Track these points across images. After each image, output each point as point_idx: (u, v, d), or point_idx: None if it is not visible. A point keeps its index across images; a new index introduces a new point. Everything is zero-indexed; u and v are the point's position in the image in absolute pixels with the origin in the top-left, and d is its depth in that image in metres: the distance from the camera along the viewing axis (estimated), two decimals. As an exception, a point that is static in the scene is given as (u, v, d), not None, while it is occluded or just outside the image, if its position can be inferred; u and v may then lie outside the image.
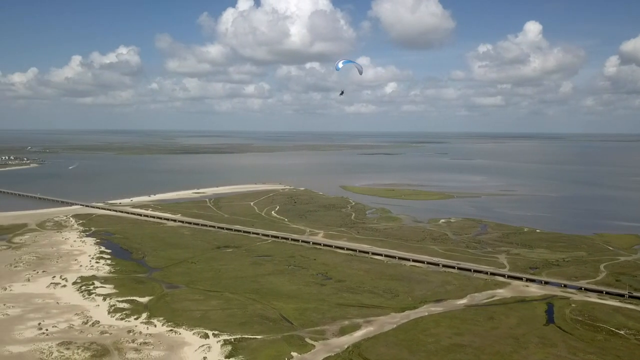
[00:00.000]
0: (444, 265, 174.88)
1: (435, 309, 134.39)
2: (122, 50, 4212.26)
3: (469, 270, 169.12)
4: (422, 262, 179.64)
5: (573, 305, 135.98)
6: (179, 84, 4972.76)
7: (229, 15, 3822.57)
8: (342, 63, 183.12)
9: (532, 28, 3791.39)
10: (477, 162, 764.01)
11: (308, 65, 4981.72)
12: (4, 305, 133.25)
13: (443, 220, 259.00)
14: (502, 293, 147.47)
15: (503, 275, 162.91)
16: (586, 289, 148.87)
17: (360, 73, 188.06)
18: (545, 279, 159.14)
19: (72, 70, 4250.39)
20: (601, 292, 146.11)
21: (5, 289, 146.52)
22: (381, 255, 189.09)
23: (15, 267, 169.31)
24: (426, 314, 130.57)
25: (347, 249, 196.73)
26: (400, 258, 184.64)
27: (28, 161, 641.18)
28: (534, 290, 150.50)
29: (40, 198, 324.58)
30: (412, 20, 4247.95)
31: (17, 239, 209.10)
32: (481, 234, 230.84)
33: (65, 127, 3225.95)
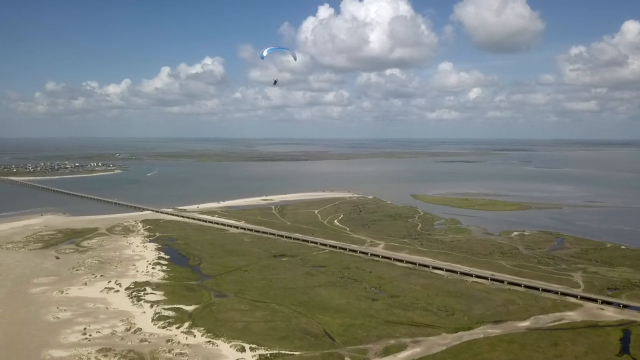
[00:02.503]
0: (509, 283, 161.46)
1: (493, 330, 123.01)
2: (208, 61, 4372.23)
3: (537, 288, 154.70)
4: (486, 278, 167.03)
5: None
6: (261, 93, 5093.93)
7: (309, 24, 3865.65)
8: (267, 51, 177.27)
9: (631, 27, 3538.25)
10: (563, 171, 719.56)
11: (388, 71, 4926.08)
12: (57, 308, 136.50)
13: (516, 233, 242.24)
14: (571, 316, 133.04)
15: (575, 296, 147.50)
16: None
17: (295, 59, 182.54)
18: (625, 302, 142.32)
19: (161, 81, 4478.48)
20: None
21: (62, 292, 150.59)
22: (442, 269, 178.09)
23: (77, 270, 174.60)
24: (482, 336, 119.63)
25: (407, 262, 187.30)
26: (462, 273, 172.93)
27: (113, 167, 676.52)
28: (610, 314, 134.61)
29: (115, 203, 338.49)
30: (497, 22, 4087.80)
31: (85, 243, 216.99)
32: (556, 248, 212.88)
33: (154, 135, 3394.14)
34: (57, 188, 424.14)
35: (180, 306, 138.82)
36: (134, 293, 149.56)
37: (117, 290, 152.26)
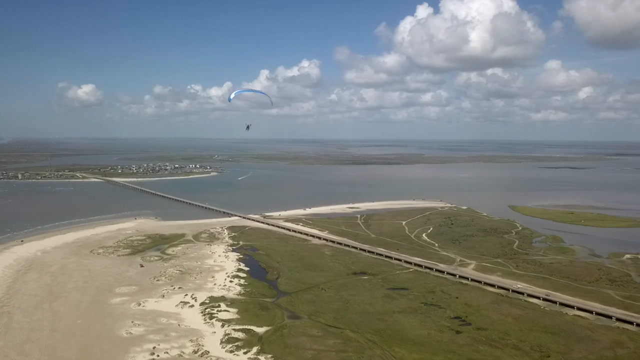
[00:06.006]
0: (618, 319, 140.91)
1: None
2: (305, 63, 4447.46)
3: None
4: (590, 311, 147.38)
5: None
6: (357, 95, 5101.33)
7: (406, 24, 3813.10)
8: (234, 94, 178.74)
9: None
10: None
11: (489, 71, 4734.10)
12: (132, 322, 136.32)
13: (628, 256, 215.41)
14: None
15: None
16: None
17: (272, 104, 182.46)
18: None
19: (260, 84, 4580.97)
20: None
21: (140, 304, 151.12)
22: (539, 298, 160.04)
23: (158, 280, 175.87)
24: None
25: (498, 287, 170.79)
26: (561, 304, 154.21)
27: (210, 169, 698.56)
28: None
29: (206, 208, 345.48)
30: (614, 17, 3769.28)
31: (170, 250, 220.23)
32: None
33: (253, 136, 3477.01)
34: (154, 190, 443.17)
35: (252, 327, 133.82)
36: (208, 309, 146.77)
37: (192, 306, 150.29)
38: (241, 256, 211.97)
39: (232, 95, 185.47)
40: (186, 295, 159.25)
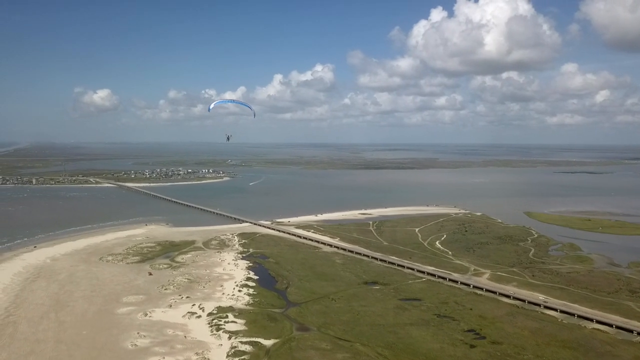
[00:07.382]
0: (639, 333, 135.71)
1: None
2: (318, 68, 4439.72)
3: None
4: (610, 325, 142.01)
5: None
6: (370, 99, 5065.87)
7: (420, 27, 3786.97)
8: (214, 104, 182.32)
9: None
10: None
11: (504, 74, 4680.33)
12: (138, 333, 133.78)
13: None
14: None
15: None
16: None
17: (254, 116, 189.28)
18: None
19: (274, 89, 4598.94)
20: None
21: (147, 314, 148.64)
22: (556, 310, 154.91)
23: (166, 289, 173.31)
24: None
25: (514, 298, 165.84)
26: (580, 316, 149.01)
27: (222, 174, 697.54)
28: None
29: (217, 213, 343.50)
30: (633, 19, 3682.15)
31: (179, 258, 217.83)
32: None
33: (267, 140, 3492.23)
34: (166, 196, 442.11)
35: (259, 340, 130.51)
36: (215, 320, 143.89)
37: (199, 316, 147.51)
38: (251, 264, 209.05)
39: (212, 106, 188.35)
40: (194, 305, 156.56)
